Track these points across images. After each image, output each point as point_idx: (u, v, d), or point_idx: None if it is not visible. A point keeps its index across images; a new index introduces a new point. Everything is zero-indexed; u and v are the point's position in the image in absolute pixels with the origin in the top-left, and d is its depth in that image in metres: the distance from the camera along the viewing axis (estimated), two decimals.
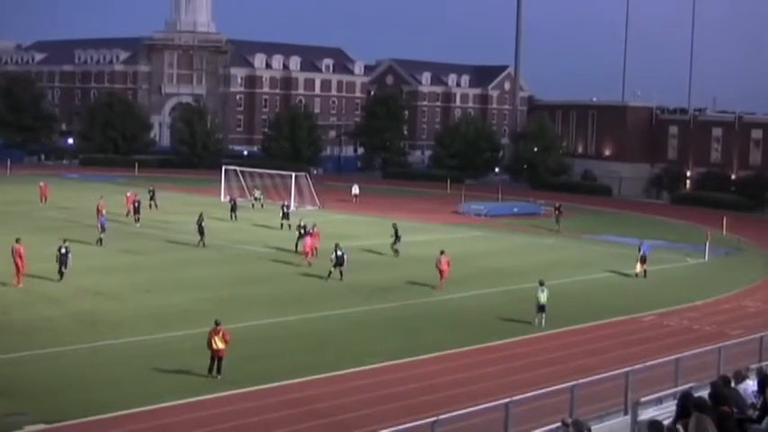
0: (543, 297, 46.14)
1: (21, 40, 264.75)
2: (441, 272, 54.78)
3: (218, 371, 34.65)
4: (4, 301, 46.15)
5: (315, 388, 34.24)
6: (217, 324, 35.05)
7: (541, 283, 46.72)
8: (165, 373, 35.30)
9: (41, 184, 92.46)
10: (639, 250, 62.15)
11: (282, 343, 40.94)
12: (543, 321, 46.03)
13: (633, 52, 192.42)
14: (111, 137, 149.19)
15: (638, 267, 61.34)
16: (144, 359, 37.06)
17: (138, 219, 76.59)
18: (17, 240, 51.13)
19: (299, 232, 64.31)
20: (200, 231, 65.57)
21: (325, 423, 30.58)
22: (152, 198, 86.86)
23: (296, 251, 62.92)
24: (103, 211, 69.42)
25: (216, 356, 34.69)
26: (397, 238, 66.40)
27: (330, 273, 55.59)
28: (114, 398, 31.81)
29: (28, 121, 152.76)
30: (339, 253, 55.68)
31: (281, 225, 76.37)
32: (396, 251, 65.99)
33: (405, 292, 53.50)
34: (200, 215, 67.75)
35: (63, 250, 52.32)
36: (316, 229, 63.87)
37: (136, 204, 77.61)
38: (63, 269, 52.05)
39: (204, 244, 65.17)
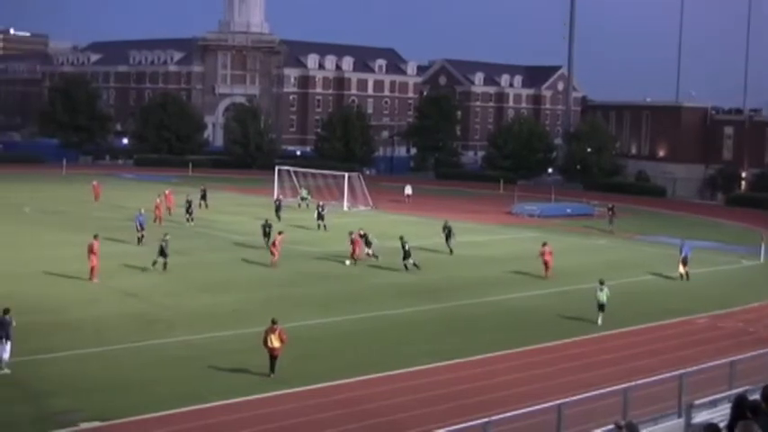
0: (603, 296, 46.44)
1: (77, 41, 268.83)
2: (545, 263, 57.91)
3: (272, 369, 34.83)
4: (62, 300, 46.60)
5: (366, 388, 34.26)
6: (273, 322, 35.17)
7: (601, 283, 47.04)
8: (218, 372, 35.46)
9: (94, 183, 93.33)
10: (681, 252, 61.49)
11: (333, 343, 40.99)
12: (600, 320, 46.23)
13: (687, 52, 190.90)
14: (165, 137, 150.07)
15: (681, 269, 60.66)
16: (198, 358, 37.28)
17: (192, 218, 77.16)
18: (95, 237, 52.96)
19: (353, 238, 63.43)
20: (265, 234, 64.77)
21: (376, 423, 30.57)
22: (203, 198, 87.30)
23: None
24: (141, 210, 68.71)
25: (271, 355, 34.87)
26: (450, 235, 66.54)
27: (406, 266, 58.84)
28: (167, 396, 32.04)
29: (83, 121, 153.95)
30: (406, 248, 58.92)
31: (318, 226, 75.96)
32: (451, 249, 66.06)
33: (457, 292, 53.39)
34: (266, 220, 67.03)
35: (163, 243, 55.65)
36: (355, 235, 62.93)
37: (188, 203, 78.07)
38: (163, 259, 55.61)
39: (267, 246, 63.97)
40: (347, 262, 60.41)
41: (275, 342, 34.66)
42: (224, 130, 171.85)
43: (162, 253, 55.66)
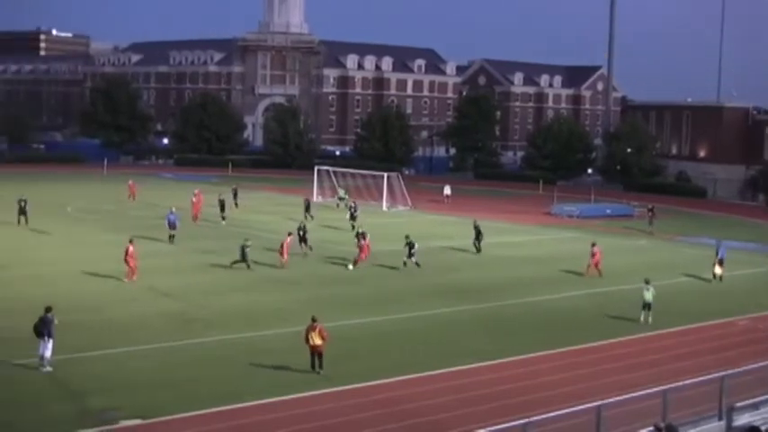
0: (649, 296, 46.62)
1: (118, 41, 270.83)
2: (596, 263, 58.36)
3: (320, 366, 35.16)
4: (102, 299, 46.92)
5: (406, 388, 34.25)
6: (313, 320, 35.46)
7: (647, 282, 47.21)
8: (259, 370, 35.60)
9: (130, 182, 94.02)
10: (717, 253, 60.93)
11: (371, 343, 41.02)
12: (650, 319, 46.39)
13: (728, 52, 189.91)
14: (205, 137, 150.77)
15: (718, 269, 60.17)
16: (238, 357, 37.42)
17: (224, 217, 77.50)
18: (130, 241, 52.56)
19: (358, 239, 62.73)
20: (302, 239, 64.26)
21: (416, 423, 30.55)
22: (235, 197, 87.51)
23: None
24: (173, 208, 68.79)
25: (314, 352, 35.18)
26: (479, 235, 66.24)
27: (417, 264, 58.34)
28: (207, 394, 32.19)
29: (124, 121, 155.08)
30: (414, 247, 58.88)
31: (351, 227, 74.00)
32: (478, 249, 65.83)
33: (497, 292, 53.29)
34: (302, 225, 65.68)
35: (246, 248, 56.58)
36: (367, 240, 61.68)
37: (220, 203, 78.24)
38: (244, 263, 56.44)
39: (306, 253, 63.02)
40: (350, 267, 58.80)
41: (316, 339, 34.97)
42: (263, 130, 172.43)
43: (243, 258, 56.45)
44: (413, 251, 59.26)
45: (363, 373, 35.48)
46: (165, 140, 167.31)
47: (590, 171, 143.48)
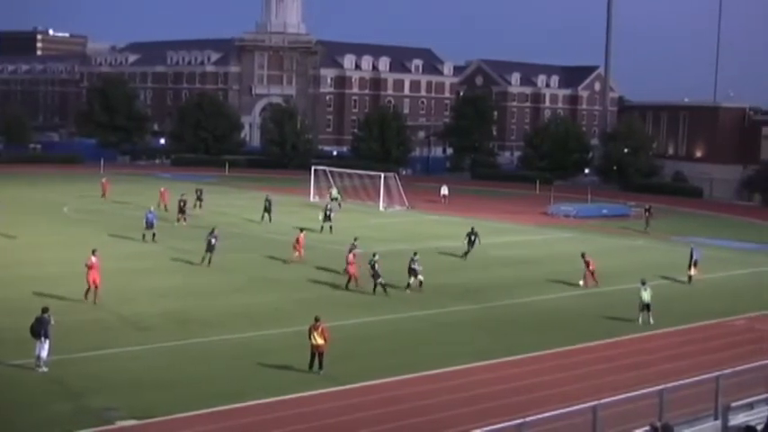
0: (647, 296, 46.70)
1: (115, 41, 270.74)
2: (592, 272, 56.26)
3: (320, 366, 35.28)
4: (98, 299, 46.88)
5: (406, 387, 34.33)
6: (316, 320, 35.65)
7: (643, 282, 47.33)
8: (258, 370, 35.70)
9: (103, 180, 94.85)
10: (692, 255, 60.71)
11: (371, 343, 41.09)
12: (651, 319, 46.57)
13: (725, 53, 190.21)
14: (202, 137, 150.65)
15: (693, 271, 59.94)
16: (236, 357, 37.49)
17: (179, 219, 75.87)
18: (93, 252, 47.54)
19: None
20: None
21: (415, 423, 30.63)
22: (198, 198, 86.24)
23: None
24: (152, 207, 68.67)
25: (316, 352, 35.31)
26: (473, 242, 64.78)
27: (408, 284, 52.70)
28: (203, 394, 32.21)
29: (121, 121, 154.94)
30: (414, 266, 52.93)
31: (321, 228, 72.53)
32: (466, 253, 64.82)
33: (495, 292, 53.37)
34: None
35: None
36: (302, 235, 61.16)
37: (182, 204, 77.18)
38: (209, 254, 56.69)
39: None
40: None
41: (318, 339, 35.14)
42: (261, 130, 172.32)
43: (209, 248, 56.68)
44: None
45: (362, 373, 35.55)
46: (162, 140, 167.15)
47: (587, 171, 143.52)
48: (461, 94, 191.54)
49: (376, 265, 51.21)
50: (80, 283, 46.25)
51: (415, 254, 53.80)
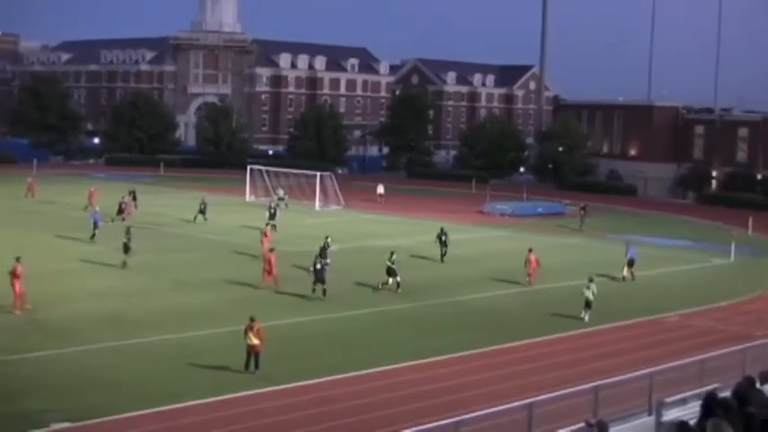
0: (590, 294, 47.33)
1: (47, 40, 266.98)
2: (531, 270, 56.13)
3: (256, 366, 35.23)
4: (33, 300, 46.13)
5: (338, 387, 34.36)
6: (251, 320, 35.58)
7: (590, 280, 48.02)
8: (194, 371, 35.56)
9: (29, 180, 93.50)
10: (627, 254, 61.29)
11: (305, 343, 41.02)
12: (586, 317, 47.18)
13: (659, 52, 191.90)
14: (137, 136, 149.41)
15: (626, 271, 60.52)
16: (172, 357, 37.31)
17: (117, 219, 74.49)
18: (17, 259, 45.10)
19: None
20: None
21: (348, 422, 30.69)
22: (134, 199, 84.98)
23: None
24: (97, 207, 68.32)
25: (252, 352, 35.25)
26: (444, 241, 64.24)
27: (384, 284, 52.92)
28: (140, 396, 32.00)
29: (54, 120, 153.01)
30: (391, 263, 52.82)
31: (266, 224, 70.43)
32: (443, 255, 64.05)
33: (431, 291, 53.46)
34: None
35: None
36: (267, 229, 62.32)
37: (122, 205, 77.03)
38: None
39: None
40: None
41: (254, 339, 35.07)
42: (196, 129, 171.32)
43: (125, 249, 56.05)
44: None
45: (297, 373, 35.53)
46: (97, 140, 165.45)
47: (522, 170, 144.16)
48: (397, 93, 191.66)
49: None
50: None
51: (393, 253, 53.43)
